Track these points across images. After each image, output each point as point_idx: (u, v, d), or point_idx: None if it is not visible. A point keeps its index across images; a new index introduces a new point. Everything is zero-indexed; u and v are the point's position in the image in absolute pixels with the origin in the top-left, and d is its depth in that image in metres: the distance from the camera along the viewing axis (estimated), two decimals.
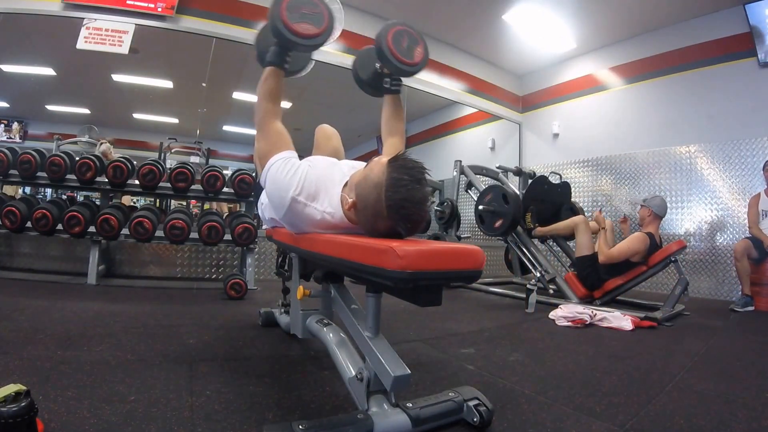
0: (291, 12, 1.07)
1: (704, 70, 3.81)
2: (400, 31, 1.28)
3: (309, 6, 1.11)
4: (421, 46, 1.32)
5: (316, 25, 1.11)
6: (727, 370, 1.52)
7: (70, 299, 2.15)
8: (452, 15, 4.31)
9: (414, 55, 1.29)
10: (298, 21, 1.08)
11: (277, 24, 1.07)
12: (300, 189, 1.00)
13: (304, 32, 1.10)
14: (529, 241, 3.31)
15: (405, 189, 0.89)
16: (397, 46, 1.26)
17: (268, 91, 1.15)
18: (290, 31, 1.08)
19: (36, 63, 4.59)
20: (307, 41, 1.11)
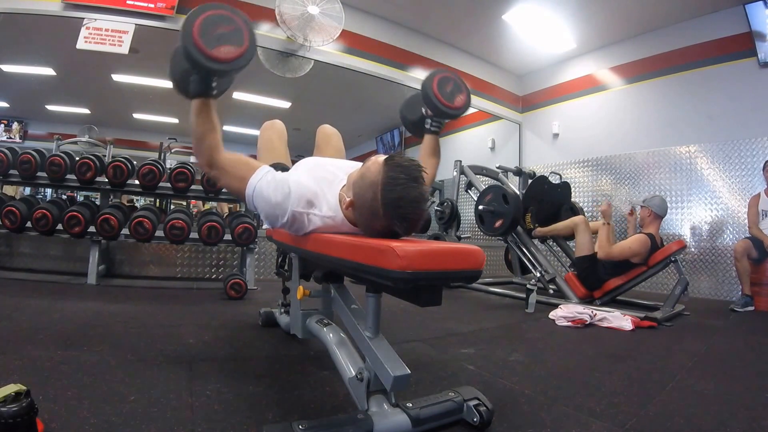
0: (206, 36, 0.92)
1: (704, 70, 3.81)
2: (445, 78, 1.38)
3: (224, 24, 0.96)
4: (464, 95, 1.40)
5: (236, 45, 0.96)
6: (727, 370, 1.52)
7: (70, 299, 2.15)
8: (452, 15, 4.31)
9: (455, 101, 1.38)
10: (216, 45, 0.93)
11: (193, 54, 0.91)
12: (297, 200, 0.99)
13: (225, 57, 0.94)
14: (529, 241, 3.31)
15: (401, 187, 0.89)
16: (440, 90, 1.35)
17: (208, 126, 1.01)
18: (209, 58, 0.93)
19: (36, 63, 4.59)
20: (231, 65, 0.96)
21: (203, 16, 0.93)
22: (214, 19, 0.95)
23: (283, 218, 1.00)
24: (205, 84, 1.00)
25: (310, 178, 1.07)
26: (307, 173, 1.10)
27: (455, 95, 1.38)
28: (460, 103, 1.38)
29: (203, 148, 1.01)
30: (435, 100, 1.34)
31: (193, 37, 0.91)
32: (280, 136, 1.61)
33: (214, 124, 1.02)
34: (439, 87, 1.35)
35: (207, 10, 0.95)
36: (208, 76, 0.99)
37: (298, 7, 3.50)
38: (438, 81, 1.36)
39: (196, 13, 0.93)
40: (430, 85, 1.35)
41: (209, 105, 1.02)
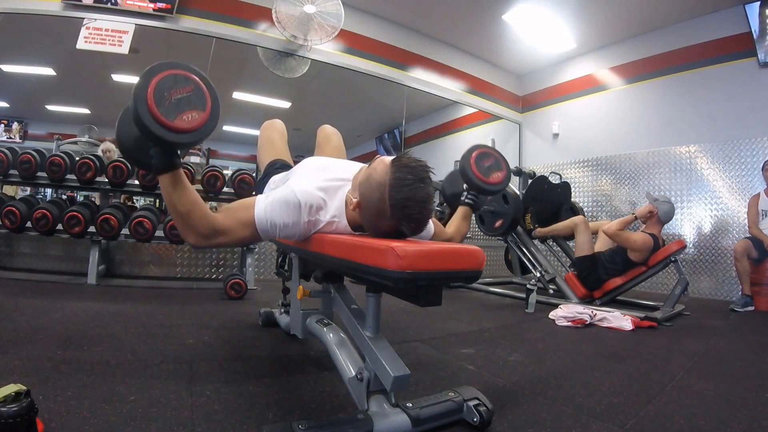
0: (163, 105, 0.80)
1: (704, 70, 3.81)
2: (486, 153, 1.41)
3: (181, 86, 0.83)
4: (502, 173, 1.42)
5: (199, 109, 0.84)
6: (727, 370, 1.52)
7: (70, 299, 2.15)
8: (452, 15, 4.31)
9: (491, 176, 1.40)
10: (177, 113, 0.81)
11: (152, 128, 0.79)
12: (307, 210, 0.98)
13: (190, 126, 0.82)
14: (529, 241, 3.31)
15: (408, 188, 0.89)
16: (478, 164, 1.38)
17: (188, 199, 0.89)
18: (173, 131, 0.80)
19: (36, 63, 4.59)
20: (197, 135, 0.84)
21: (156, 80, 0.80)
22: (169, 82, 0.82)
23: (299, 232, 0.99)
24: (170, 158, 0.88)
25: (315, 183, 1.05)
26: (312, 179, 1.07)
27: (492, 171, 1.40)
28: (496, 180, 1.40)
29: (193, 223, 0.90)
30: (471, 174, 1.37)
31: (149, 108, 0.78)
32: (281, 134, 1.60)
33: (194, 193, 0.91)
34: (476, 161, 1.38)
35: (158, 71, 0.82)
36: (173, 149, 0.87)
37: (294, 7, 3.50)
38: (477, 155, 1.38)
39: (148, 77, 0.80)
40: (468, 158, 1.38)
41: (180, 175, 0.89)
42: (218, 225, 0.93)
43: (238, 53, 4.02)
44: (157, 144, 0.85)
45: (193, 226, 0.90)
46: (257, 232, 0.97)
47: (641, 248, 2.64)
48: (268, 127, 1.61)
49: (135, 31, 3.27)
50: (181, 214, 0.90)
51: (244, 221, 0.95)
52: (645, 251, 2.64)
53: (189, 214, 0.89)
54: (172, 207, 0.90)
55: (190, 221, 0.90)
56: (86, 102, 5.56)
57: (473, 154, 1.38)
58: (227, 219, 0.95)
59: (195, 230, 0.91)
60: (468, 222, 1.43)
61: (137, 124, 0.80)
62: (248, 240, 1.00)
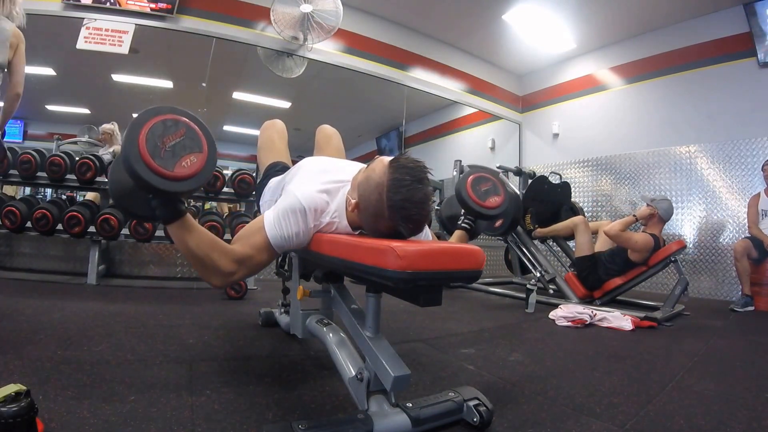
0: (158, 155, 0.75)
1: (704, 70, 3.81)
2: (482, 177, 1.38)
3: (173, 131, 0.79)
4: (500, 198, 1.37)
5: (196, 150, 0.80)
6: (727, 370, 1.52)
7: (70, 299, 2.15)
8: (452, 15, 4.31)
9: (488, 201, 1.36)
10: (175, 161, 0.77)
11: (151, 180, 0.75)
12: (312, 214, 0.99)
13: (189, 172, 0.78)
14: (529, 241, 3.31)
15: (406, 189, 0.89)
16: (474, 189, 1.34)
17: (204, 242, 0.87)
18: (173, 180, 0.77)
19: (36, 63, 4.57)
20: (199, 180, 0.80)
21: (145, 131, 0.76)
22: (159, 130, 0.77)
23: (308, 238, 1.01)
24: (175, 205, 0.85)
25: (317, 186, 1.05)
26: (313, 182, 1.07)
27: (489, 195, 1.36)
28: (493, 204, 1.36)
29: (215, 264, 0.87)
30: (467, 198, 1.33)
31: (145, 162, 0.74)
32: (281, 135, 1.60)
33: (208, 234, 0.89)
34: (473, 185, 1.34)
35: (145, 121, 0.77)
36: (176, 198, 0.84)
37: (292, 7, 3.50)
38: (473, 180, 1.35)
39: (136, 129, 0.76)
40: (464, 182, 1.34)
41: (190, 220, 0.87)
42: (239, 256, 0.91)
43: (238, 53, 4.02)
44: (156, 195, 0.81)
45: (216, 267, 0.88)
46: (275, 251, 0.97)
47: (642, 249, 2.64)
48: (269, 128, 1.61)
49: (135, 31, 3.27)
50: (201, 258, 0.87)
51: (260, 245, 0.95)
52: (646, 251, 2.64)
53: (209, 256, 0.87)
54: (190, 253, 0.87)
55: (213, 262, 0.87)
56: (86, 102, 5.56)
57: (469, 178, 1.35)
58: (243, 247, 0.93)
59: (218, 270, 0.88)
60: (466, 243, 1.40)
61: (136, 181, 0.76)
62: (269, 262, 0.99)
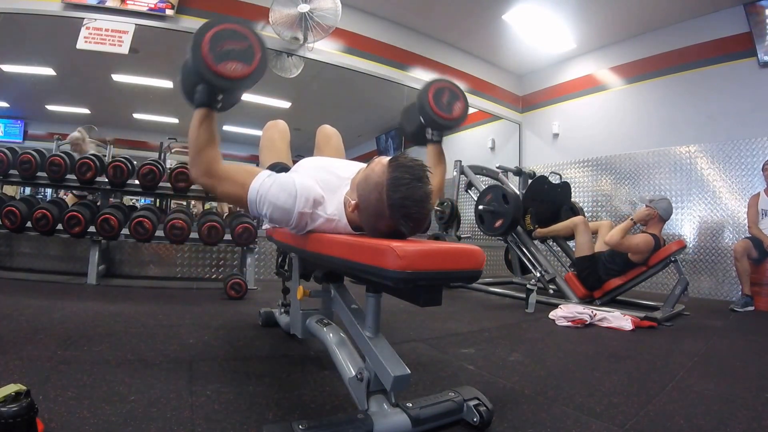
0: (214, 50, 0.91)
1: (704, 70, 3.81)
2: (441, 88, 1.34)
3: (236, 40, 0.94)
4: (461, 102, 1.37)
5: (245, 63, 0.95)
6: (727, 370, 1.52)
7: (70, 299, 2.15)
8: (452, 15, 4.31)
9: (453, 110, 1.35)
10: (223, 60, 0.92)
11: (200, 67, 0.91)
12: (304, 202, 0.99)
13: (231, 74, 0.93)
14: (529, 241, 3.31)
15: (406, 187, 0.89)
16: (437, 102, 1.32)
17: (207, 137, 1.00)
18: (215, 74, 0.92)
19: (36, 63, 4.59)
20: (236, 84, 0.95)
21: (216, 30, 0.92)
22: (227, 34, 0.93)
23: (290, 220, 1.00)
24: (210, 97, 0.99)
25: (315, 180, 1.06)
26: (311, 176, 1.08)
27: (452, 105, 1.35)
28: (457, 113, 1.36)
29: (202, 158, 0.99)
30: (432, 113, 1.32)
31: (201, 50, 0.91)
32: (283, 136, 1.61)
33: (214, 137, 1.01)
34: (435, 99, 1.33)
35: (221, 23, 0.94)
36: (213, 90, 0.98)
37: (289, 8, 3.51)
38: (434, 93, 1.33)
39: (209, 25, 0.92)
40: (426, 97, 1.32)
41: (212, 117, 1.01)
42: (218, 171, 1.00)
43: None
44: (200, 79, 0.95)
45: (201, 160, 0.99)
46: (245, 198, 1.00)
47: (644, 250, 2.64)
48: (271, 128, 1.61)
49: (135, 31, 3.27)
50: (196, 147, 0.99)
51: (240, 181, 1.01)
52: (646, 252, 2.65)
53: (201, 150, 0.99)
54: (193, 139, 1.00)
55: (199, 157, 0.99)
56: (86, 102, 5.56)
57: (430, 92, 1.32)
58: (229, 170, 1.01)
59: (198, 165, 1.00)
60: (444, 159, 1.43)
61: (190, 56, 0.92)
62: (235, 199, 1.04)
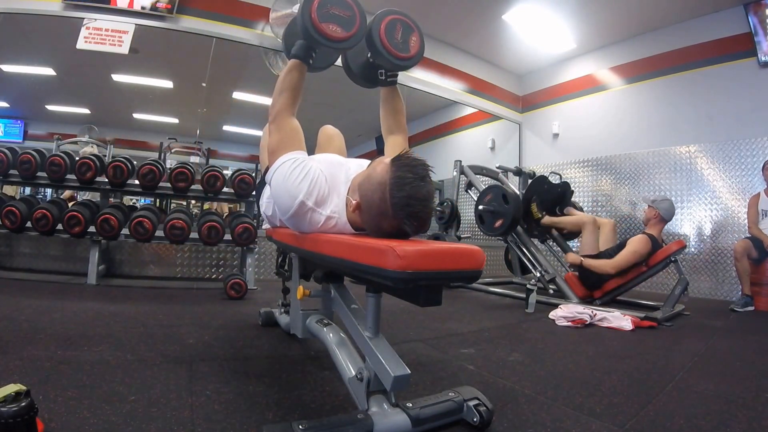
0: (321, 11, 1.04)
1: (704, 70, 3.81)
2: (393, 21, 1.18)
3: (341, 7, 1.08)
4: (416, 35, 1.23)
5: (345, 29, 1.08)
6: (727, 370, 1.52)
7: (70, 299, 2.15)
8: (452, 15, 4.31)
9: (409, 47, 1.21)
10: (327, 21, 1.05)
11: (305, 21, 1.04)
12: (309, 194, 0.99)
13: (332, 34, 1.06)
14: (529, 241, 3.31)
15: (409, 186, 0.88)
16: (390, 39, 1.17)
17: (290, 84, 1.12)
18: (317, 30, 1.04)
19: (36, 63, 4.59)
20: (333, 44, 1.08)
21: None
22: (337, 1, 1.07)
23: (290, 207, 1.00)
24: (306, 51, 1.12)
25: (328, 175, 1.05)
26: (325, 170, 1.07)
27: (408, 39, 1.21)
28: (414, 50, 1.22)
29: (277, 101, 1.11)
30: (385, 52, 1.17)
31: (311, 6, 1.03)
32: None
33: (296, 88, 1.12)
34: (387, 35, 1.17)
35: None
36: (311, 44, 1.11)
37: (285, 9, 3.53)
38: (385, 28, 1.17)
39: None
40: (377, 34, 1.16)
41: (302, 71, 1.14)
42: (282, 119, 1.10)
43: (238, 53, 4.02)
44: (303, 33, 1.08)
45: (275, 102, 1.12)
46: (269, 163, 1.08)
47: (642, 252, 2.67)
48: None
49: (135, 31, 3.27)
50: (278, 89, 1.13)
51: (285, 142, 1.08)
52: (646, 252, 2.66)
53: (280, 93, 1.12)
54: (278, 82, 1.13)
55: (277, 98, 1.12)
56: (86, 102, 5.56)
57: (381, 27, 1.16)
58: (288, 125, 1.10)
59: (273, 106, 1.12)
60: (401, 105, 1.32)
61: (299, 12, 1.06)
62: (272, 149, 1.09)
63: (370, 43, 1.18)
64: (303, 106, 1.18)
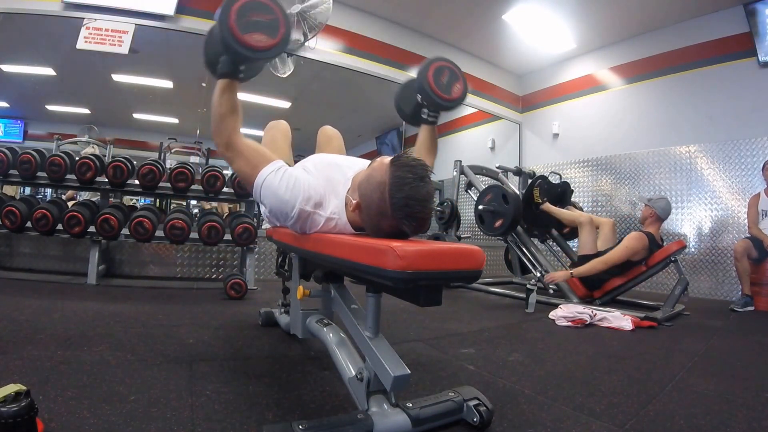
0: (241, 20, 0.93)
1: (704, 70, 3.81)
2: (441, 67, 1.32)
3: (263, 12, 0.97)
4: (460, 83, 1.35)
5: (269, 35, 0.97)
6: (727, 370, 1.52)
7: (70, 299, 2.15)
8: (452, 15, 4.31)
9: (452, 91, 1.33)
10: (250, 31, 0.94)
11: (227, 36, 0.93)
12: (307, 199, 0.99)
13: (256, 44, 0.95)
14: (529, 241, 3.31)
15: (409, 187, 0.89)
16: (436, 81, 1.30)
17: (229, 107, 1.02)
18: (241, 43, 0.94)
19: (36, 63, 4.59)
20: (261, 54, 0.97)
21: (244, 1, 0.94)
22: (255, 6, 0.96)
23: (290, 215, 1.00)
24: (233, 67, 1.02)
25: (321, 177, 1.06)
26: (318, 172, 1.08)
27: (452, 85, 1.33)
28: (457, 94, 1.34)
29: (222, 128, 1.02)
30: (431, 93, 1.29)
31: (229, 18, 0.93)
32: (284, 135, 1.60)
33: (236, 108, 1.04)
34: (435, 78, 1.30)
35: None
36: (236, 60, 1.01)
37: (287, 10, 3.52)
38: (434, 71, 1.30)
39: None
40: (425, 76, 1.29)
41: (233, 87, 1.04)
42: (236, 145, 1.02)
43: None
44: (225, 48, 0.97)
45: (221, 131, 1.02)
46: (253, 181, 1.02)
47: (637, 248, 2.67)
48: (273, 128, 1.61)
49: (135, 31, 3.27)
50: (218, 116, 1.02)
51: (253, 162, 1.02)
52: (642, 249, 2.67)
53: (222, 119, 1.02)
54: (215, 108, 1.02)
55: (221, 126, 1.02)
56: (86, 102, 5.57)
57: (430, 71, 1.29)
58: (246, 149, 1.03)
59: (220, 135, 1.02)
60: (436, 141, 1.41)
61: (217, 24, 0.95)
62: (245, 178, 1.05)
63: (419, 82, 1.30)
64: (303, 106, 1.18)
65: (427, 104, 1.36)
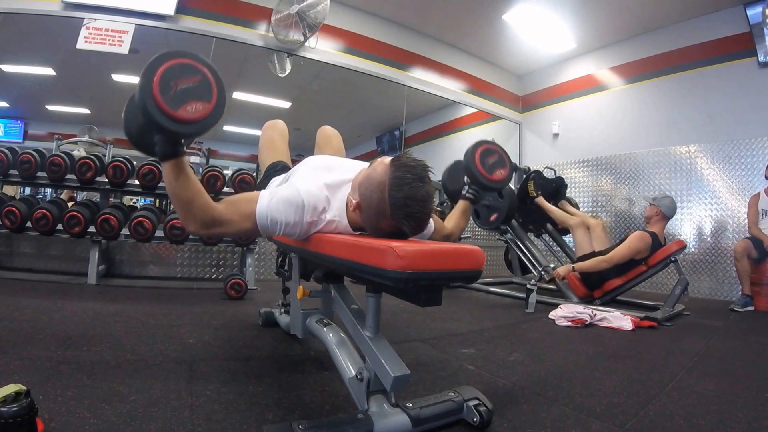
0: (167, 94, 0.79)
1: (704, 70, 3.81)
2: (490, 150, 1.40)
3: (188, 75, 0.83)
4: (505, 170, 1.41)
5: (204, 100, 0.83)
6: (727, 370, 1.53)
7: (70, 299, 2.15)
8: (452, 15, 4.31)
9: (495, 174, 1.39)
10: (181, 103, 0.80)
11: (155, 116, 0.79)
12: (311, 211, 0.99)
13: (193, 117, 0.82)
14: (525, 236, 3.33)
15: (408, 187, 0.89)
16: (482, 161, 1.37)
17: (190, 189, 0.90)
18: (175, 121, 0.80)
19: (36, 63, 4.59)
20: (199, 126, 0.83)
21: (164, 68, 0.80)
22: (177, 71, 0.81)
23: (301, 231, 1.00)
24: (173, 146, 0.88)
25: (319, 183, 1.05)
26: (316, 178, 1.07)
27: (496, 168, 1.40)
28: (499, 177, 1.41)
29: (194, 211, 0.91)
30: (476, 170, 1.36)
31: (153, 96, 0.78)
32: (282, 135, 1.61)
33: (196, 183, 0.92)
34: (481, 158, 1.38)
35: (167, 59, 0.81)
36: (176, 139, 0.88)
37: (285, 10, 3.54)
38: (481, 152, 1.38)
39: (155, 65, 0.80)
40: (472, 155, 1.37)
41: (184, 163, 0.90)
42: (218, 216, 0.93)
43: (238, 53, 4.02)
44: (159, 131, 0.84)
45: (193, 215, 0.91)
46: (257, 227, 0.97)
47: (639, 247, 2.67)
48: (270, 128, 1.61)
49: (135, 31, 3.27)
50: (183, 202, 0.91)
51: (246, 214, 0.97)
52: (645, 248, 2.67)
53: (191, 202, 0.91)
54: (174, 195, 0.91)
55: (191, 210, 0.91)
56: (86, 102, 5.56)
57: (478, 150, 1.38)
58: (228, 210, 0.95)
59: (195, 218, 0.92)
60: (467, 217, 1.43)
61: (141, 111, 0.80)
62: (247, 232, 1.01)
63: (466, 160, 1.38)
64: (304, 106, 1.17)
65: (471, 181, 1.42)
